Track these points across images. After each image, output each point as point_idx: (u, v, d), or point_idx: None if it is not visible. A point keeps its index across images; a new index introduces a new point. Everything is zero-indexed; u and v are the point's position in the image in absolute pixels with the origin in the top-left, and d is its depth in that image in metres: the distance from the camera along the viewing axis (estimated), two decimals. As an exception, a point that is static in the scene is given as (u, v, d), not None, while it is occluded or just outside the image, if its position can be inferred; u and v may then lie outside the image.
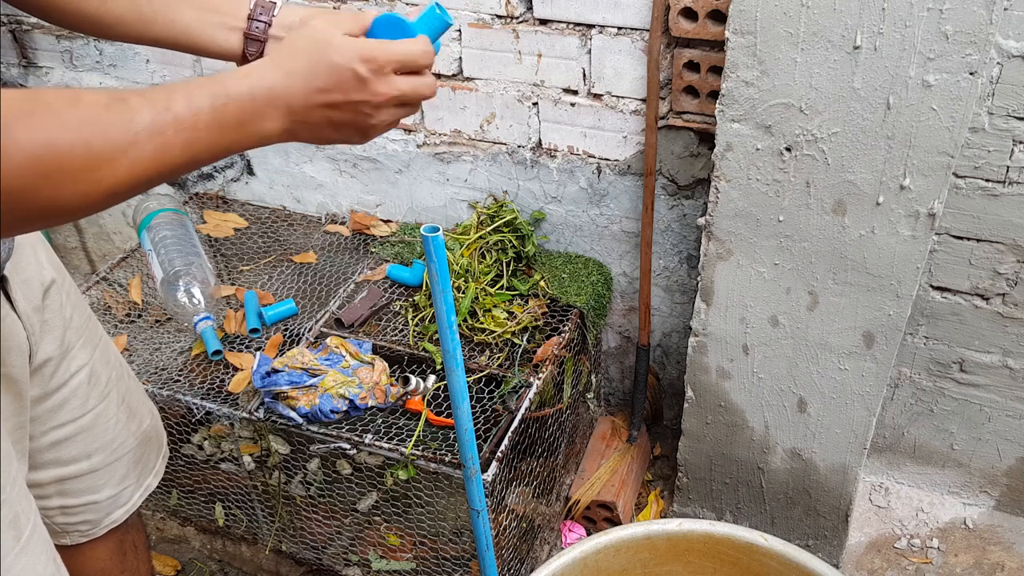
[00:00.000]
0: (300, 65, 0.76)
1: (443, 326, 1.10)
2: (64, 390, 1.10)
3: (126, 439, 1.21)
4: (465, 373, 1.17)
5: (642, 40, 1.55)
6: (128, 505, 1.25)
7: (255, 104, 0.74)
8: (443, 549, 1.62)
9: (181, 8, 0.91)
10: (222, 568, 1.93)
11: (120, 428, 1.20)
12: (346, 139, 0.82)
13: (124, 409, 1.21)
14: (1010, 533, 1.82)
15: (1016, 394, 1.70)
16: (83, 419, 1.13)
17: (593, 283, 1.81)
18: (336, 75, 0.76)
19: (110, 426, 1.18)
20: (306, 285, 1.84)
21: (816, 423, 1.62)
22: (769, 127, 1.35)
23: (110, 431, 1.18)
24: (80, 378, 1.11)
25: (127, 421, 1.22)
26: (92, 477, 1.18)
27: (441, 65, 1.74)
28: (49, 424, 1.10)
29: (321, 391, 1.50)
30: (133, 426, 1.23)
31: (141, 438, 1.25)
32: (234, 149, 0.75)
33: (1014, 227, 1.51)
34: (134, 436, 1.23)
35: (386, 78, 0.78)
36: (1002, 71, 1.37)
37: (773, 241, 1.46)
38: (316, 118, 0.78)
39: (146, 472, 1.28)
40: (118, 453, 1.20)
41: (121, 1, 0.91)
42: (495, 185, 1.86)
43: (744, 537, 1.29)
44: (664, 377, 2.01)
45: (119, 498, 1.23)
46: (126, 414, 1.21)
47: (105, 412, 1.17)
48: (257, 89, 0.74)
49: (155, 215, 1.83)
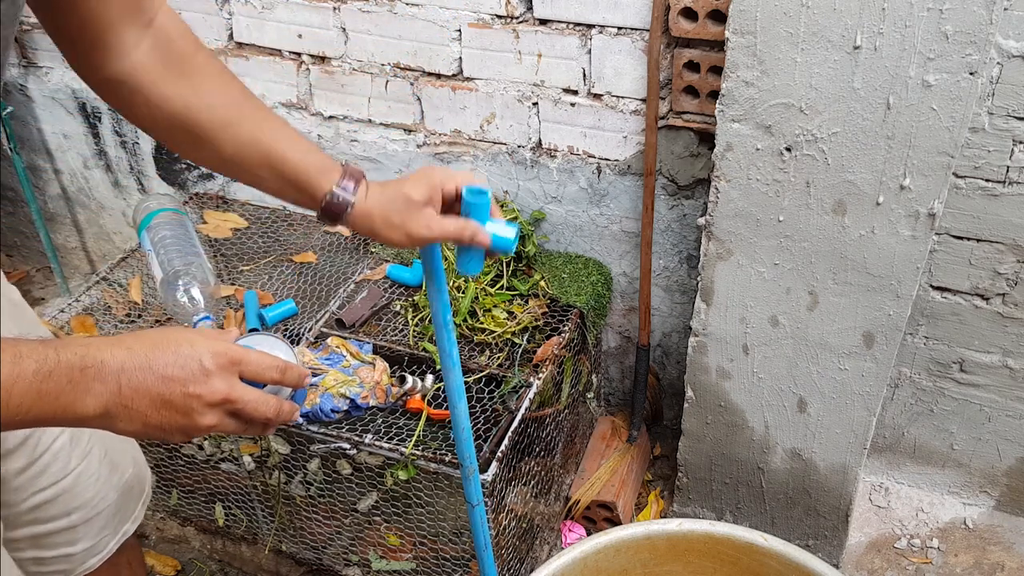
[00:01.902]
0: (145, 344, 0.73)
1: (439, 324, 1.09)
2: (46, 455, 1.07)
3: (107, 494, 1.18)
4: (464, 373, 1.17)
5: (642, 40, 1.55)
6: (104, 553, 1.22)
7: (82, 375, 0.70)
8: (443, 549, 1.62)
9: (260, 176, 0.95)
10: (222, 568, 1.93)
11: (101, 484, 1.17)
12: (163, 435, 0.75)
13: (106, 464, 1.18)
14: (1010, 533, 1.82)
15: (1016, 394, 1.70)
16: (64, 481, 1.10)
17: (593, 283, 1.81)
18: (181, 361, 0.73)
19: (91, 484, 1.15)
20: (306, 285, 1.84)
21: (816, 423, 1.62)
22: (769, 127, 1.35)
23: (90, 489, 1.15)
24: (62, 440, 1.09)
25: (108, 475, 1.18)
26: (69, 533, 1.15)
27: (441, 65, 1.75)
28: (30, 490, 1.07)
29: (322, 390, 1.50)
30: (115, 479, 1.20)
31: (122, 490, 1.22)
32: (41, 423, 0.70)
33: (1014, 227, 1.51)
34: (115, 490, 1.20)
35: (227, 377, 0.75)
36: (1002, 71, 1.37)
37: (773, 241, 1.46)
38: (142, 405, 0.72)
39: (124, 519, 1.25)
40: (98, 508, 1.18)
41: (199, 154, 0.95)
42: (495, 185, 1.86)
43: (744, 537, 1.28)
44: (664, 377, 2.01)
45: (95, 548, 1.21)
46: (108, 468, 1.18)
47: (86, 471, 1.13)
48: (89, 359, 0.70)
49: (155, 215, 1.83)
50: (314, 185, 0.94)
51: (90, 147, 2.33)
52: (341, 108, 1.91)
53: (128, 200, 2.41)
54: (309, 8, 1.79)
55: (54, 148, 2.39)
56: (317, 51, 1.85)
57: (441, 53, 1.73)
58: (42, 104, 2.30)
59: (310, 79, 1.90)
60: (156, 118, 0.92)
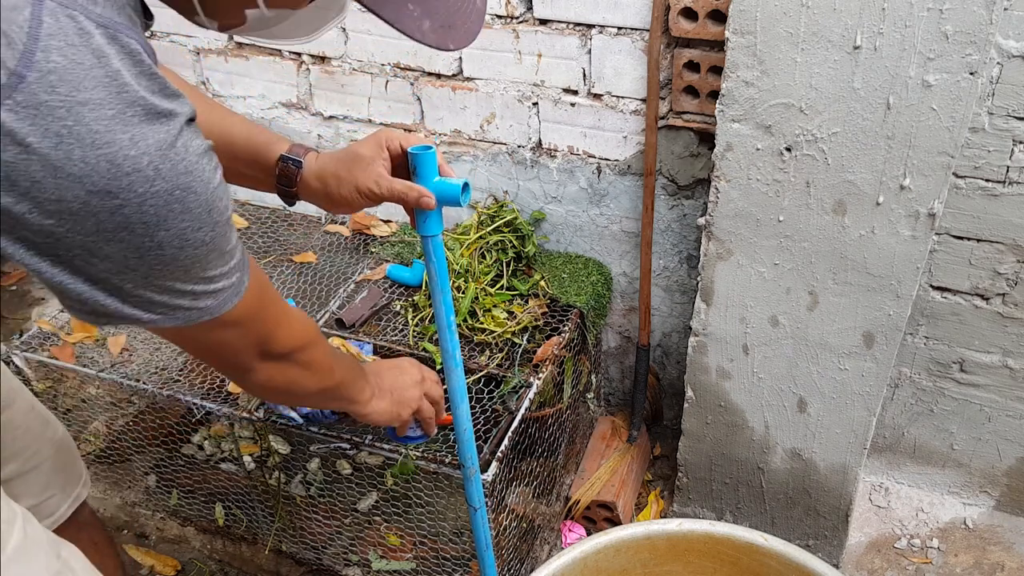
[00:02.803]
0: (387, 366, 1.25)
1: (442, 326, 1.09)
2: None
3: (41, 447, 1.19)
4: (464, 373, 1.17)
5: (642, 40, 1.55)
6: (56, 515, 1.23)
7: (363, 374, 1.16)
8: (443, 549, 1.62)
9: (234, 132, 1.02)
10: (222, 568, 1.93)
11: (33, 437, 1.18)
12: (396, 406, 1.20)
13: (34, 417, 1.19)
14: (1010, 533, 1.82)
15: (1016, 394, 1.70)
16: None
17: (593, 283, 1.81)
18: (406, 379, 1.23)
19: (19, 434, 1.16)
20: (306, 285, 1.84)
21: (816, 423, 1.62)
22: (769, 127, 1.35)
23: (20, 439, 1.16)
24: None
25: (41, 429, 1.20)
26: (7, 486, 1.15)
27: (441, 65, 1.74)
28: None
29: (321, 391, 1.50)
30: (48, 433, 1.21)
31: (58, 446, 1.23)
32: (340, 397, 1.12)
33: (1014, 227, 1.51)
34: (50, 444, 1.21)
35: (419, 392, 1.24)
36: (1002, 71, 1.37)
37: (773, 241, 1.45)
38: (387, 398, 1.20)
39: (71, 481, 1.25)
40: (32, 461, 1.18)
41: None
42: (495, 185, 1.86)
43: (744, 537, 1.28)
44: (664, 377, 2.01)
45: (42, 508, 1.21)
46: (39, 423, 1.20)
47: (12, 421, 1.15)
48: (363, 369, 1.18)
49: (155, 215, 1.83)
50: (265, 154, 1.00)
51: (90, 147, 2.33)
52: (341, 108, 1.91)
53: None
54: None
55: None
56: (317, 51, 1.85)
57: (441, 53, 1.73)
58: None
59: (310, 79, 1.90)
60: None
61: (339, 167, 1.00)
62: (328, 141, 1.97)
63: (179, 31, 1.96)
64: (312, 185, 1.01)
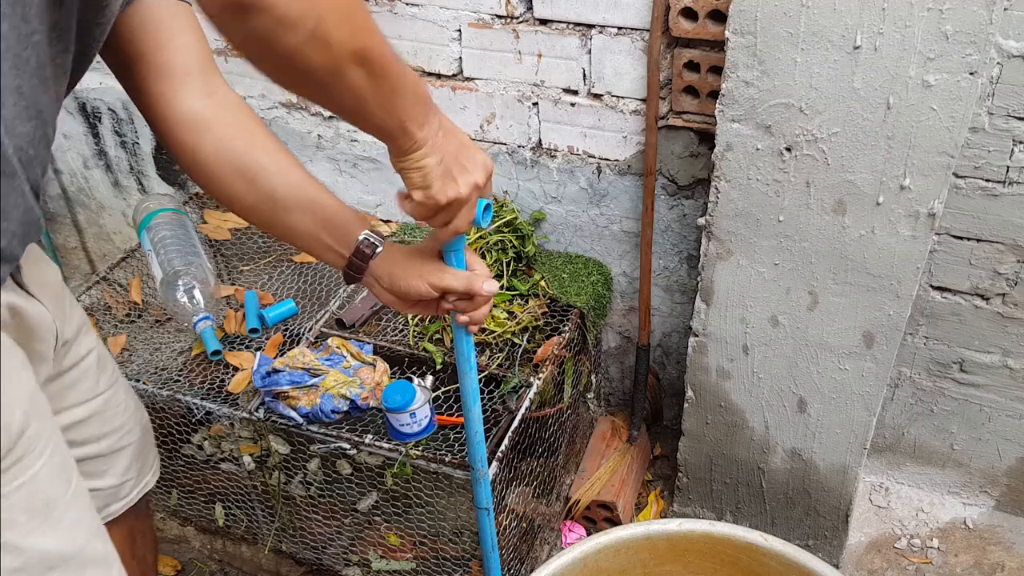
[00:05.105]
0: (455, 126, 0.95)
1: (457, 326, 1.09)
2: (75, 370, 1.11)
3: (133, 427, 1.23)
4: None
5: (642, 40, 1.55)
6: (127, 499, 1.26)
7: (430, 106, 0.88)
8: (443, 549, 1.62)
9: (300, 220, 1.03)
10: (222, 568, 1.93)
11: (128, 415, 1.22)
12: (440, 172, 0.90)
13: (131, 397, 1.24)
14: (1010, 533, 1.82)
15: (1016, 394, 1.70)
16: (94, 401, 1.15)
17: (593, 283, 1.81)
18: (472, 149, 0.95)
19: (119, 411, 1.20)
20: (306, 285, 1.84)
21: (816, 423, 1.62)
22: (769, 127, 1.35)
23: (119, 416, 1.20)
24: (90, 360, 1.13)
25: (135, 408, 1.24)
26: (98, 462, 1.19)
27: (441, 65, 1.74)
28: (62, 404, 1.11)
29: (322, 391, 1.50)
30: (139, 415, 1.26)
31: (144, 428, 1.28)
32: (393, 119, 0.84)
33: (1014, 227, 1.51)
34: (139, 426, 1.25)
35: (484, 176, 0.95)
36: (1002, 71, 1.37)
37: (773, 241, 1.46)
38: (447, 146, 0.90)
39: (146, 467, 1.30)
40: (125, 440, 1.22)
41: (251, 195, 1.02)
42: (495, 185, 1.86)
43: (744, 537, 1.29)
44: (664, 377, 2.01)
45: (120, 490, 1.24)
46: (133, 402, 1.24)
47: (115, 397, 1.19)
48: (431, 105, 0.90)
49: (155, 215, 1.83)
50: (350, 228, 1.04)
51: (90, 147, 2.33)
52: (341, 108, 1.91)
53: (128, 200, 2.41)
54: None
55: (54, 148, 2.39)
56: (317, 51, 1.85)
57: (441, 53, 1.73)
58: (42, 104, 2.30)
59: (310, 79, 1.90)
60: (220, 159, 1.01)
61: (410, 255, 1.04)
62: (328, 141, 1.97)
63: (179, 31, 1.95)
64: (381, 265, 1.04)
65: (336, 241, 1.04)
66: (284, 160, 1.03)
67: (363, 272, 1.04)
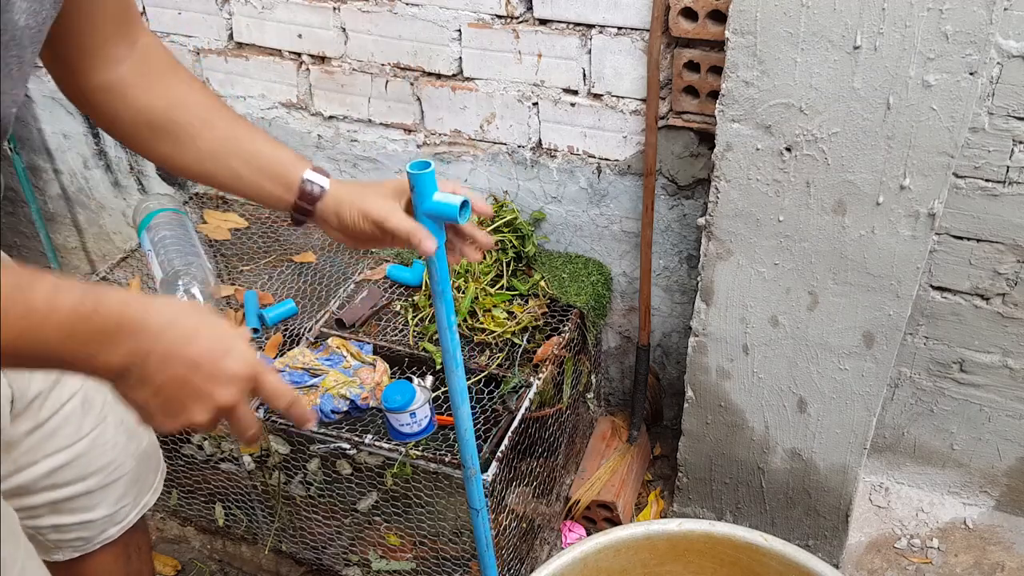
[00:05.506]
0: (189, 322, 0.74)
1: (443, 327, 1.09)
2: (55, 419, 1.09)
3: (124, 461, 1.21)
4: (465, 373, 1.17)
5: (642, 40, 1.55)
6: (124, 523, 1.25)
7: (118, 329, 0.69)
8: (443, 549, 1.62)
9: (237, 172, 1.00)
10: (222, 568, 1.93)
11: (119, 451, 1.19)
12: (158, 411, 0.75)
13: (122, 431, 1.20)
14: (1010, 533, 1.82)
15: (1016, 394, 1.70)
16: (78, 445, 1.13)
17: (593, 283, 1.81)
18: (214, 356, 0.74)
19: (107, 450, 1.17)
20: (306, 285, 1.84)
21: (816, 423, 1.62)
22: (769, 127, 1.35)
23: (107, 455, 1.17)
24: (72, 405, 1.11)
25: (126, 443, 1.21)
26: (87, 498, 1.17)
27: (441, 65, 1.74)
28: (42, 453, 1.09)
29: (322, 391, 1.50)
30: (132, 447, 1.22)
31: (140, 458, 1.24)
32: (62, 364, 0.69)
33: (1014, 227, 1.51)
34: (133, 457, 1.22)
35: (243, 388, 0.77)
36: (1002, 71, 1.37)
37: (773, 241, 1.45)
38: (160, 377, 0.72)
39: (144, 490, 1.27)
40: (115, 475, 1.20)
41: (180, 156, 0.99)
42: (495, 185, 1.86)
43: (744, 537, 1.28)
44: (664, 377, 2.01)
45: (115, 516, 1.23)
46: (124, 436, 1.20)
47: (102, 436, 1.16)
48: (129, 316, 0.70)
49: (155, 215, 1.83)
50: (289, 172, 1.00)
51: (90, 147, 2.33)
52: (341, 108, 1.91)
53: (128, 200, 2.41)
54: (309, 8, 1.79)
55: (54, 148, 2.39)
56: (317, 51, 1.85)
57: (441, 53, 1.73)
58: (42, 104, 2.30)
59: (310, 79, 1.90)
60: (138, 122, 0.98)
61: (354, 193, 1.00)
62: (328, 141, 1.97)
63: (179, 31, 1.95)
64: (327, 208, 1.01)
65: (278, 186, 1.00)
66: (207, 114, 0.99)
67: (310, 215, 1.01)
